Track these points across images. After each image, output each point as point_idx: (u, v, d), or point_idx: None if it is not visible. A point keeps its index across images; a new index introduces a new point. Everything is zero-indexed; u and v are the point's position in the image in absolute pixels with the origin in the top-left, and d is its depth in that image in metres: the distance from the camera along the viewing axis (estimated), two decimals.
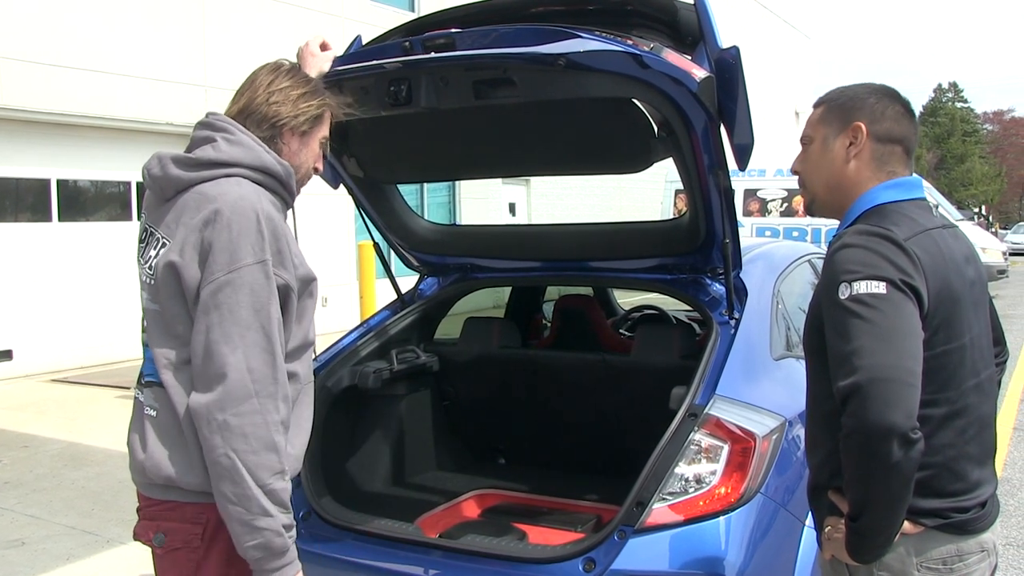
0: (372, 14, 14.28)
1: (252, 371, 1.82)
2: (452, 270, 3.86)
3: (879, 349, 1.63)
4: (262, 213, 1.89)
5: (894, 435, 1.58)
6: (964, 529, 1.81)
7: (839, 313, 1.72)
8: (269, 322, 1.85)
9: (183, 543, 1.92)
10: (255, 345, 1.83)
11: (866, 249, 1.75)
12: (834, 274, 1.76)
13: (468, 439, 4.16)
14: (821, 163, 1.98)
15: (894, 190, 1.91)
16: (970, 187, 59.63)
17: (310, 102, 2.08)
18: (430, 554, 2.77)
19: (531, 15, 2.78)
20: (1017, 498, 5.44)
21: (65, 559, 4.63)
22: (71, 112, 10.28)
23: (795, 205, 15.33)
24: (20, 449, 6.87)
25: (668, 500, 2.47)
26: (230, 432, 1.78)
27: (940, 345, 1.77)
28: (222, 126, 2.01)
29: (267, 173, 1.99)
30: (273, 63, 2.15)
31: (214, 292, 1.83)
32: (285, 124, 2.06)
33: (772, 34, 30.99)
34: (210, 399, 1.80)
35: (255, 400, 1.81)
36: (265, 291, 1.86)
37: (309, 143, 2.13)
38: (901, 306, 1.68)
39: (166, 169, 1.96)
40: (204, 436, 1.81)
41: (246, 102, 2.06)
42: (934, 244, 1.82)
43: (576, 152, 3.22)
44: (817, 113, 2.02)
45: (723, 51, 2.45)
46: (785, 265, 3.61)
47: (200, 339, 1.83)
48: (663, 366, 3.43)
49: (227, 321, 1.82)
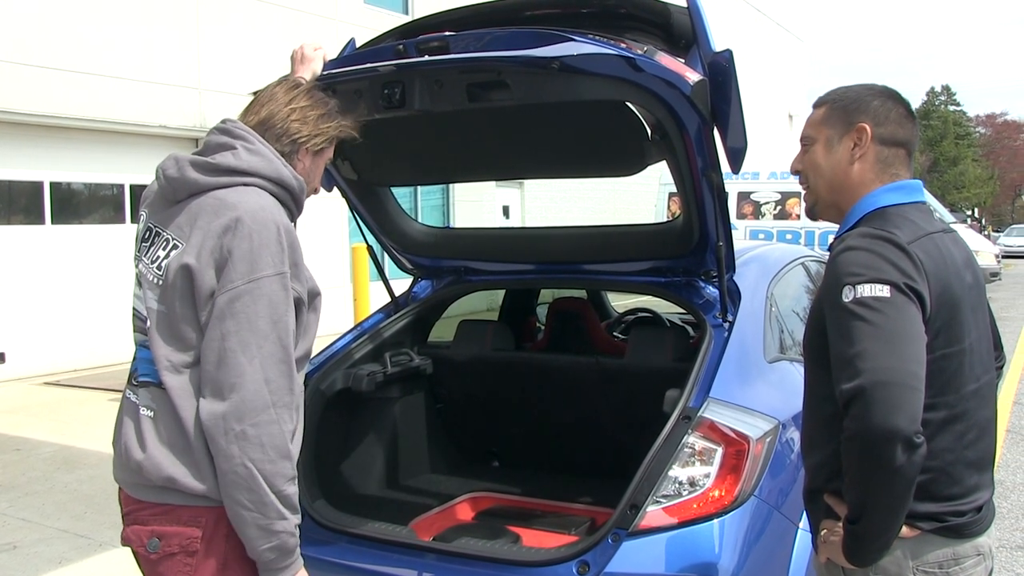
0: (366, 17, 14.29)
1: (269, 381, 1.83)
2: (446, 273, 3.85)
3: (883, 352, 1.63)
4: (282, 225, 1.90)
5: (898, 439, 1.58)
6: (960, 533, 1.81)
7: (842, 316, 1.71)
8: (287, 333, 1.87)
9: (180, 548, 1.89)
10: (272, 356, 1.84)
11: (869, 252, 1.75)
12: (837, 276, 1.76)
13: (462, 442, 4.16)
14: (824, 165, 1.97)
15: (895, 193, 1.90)
16: (963, 190, 59.83)
17: (328, 124, 2.12)
18: (424, 557, 2.77)
19: (525, 18, 2.78)
20: (1011, 500, 5.45)
21: (57, 563, 4.62)
22: (65, 115, 10.26)
23: (789, 208, 15.36)
24: (12, 452, 6.85)
25: (662, 503, 2.48)
26: (247, 442, 1.80)
27: (940, 349, 1.77)
28: (241, 134, 2.01)
29: (283, 186, 2.01)
30: (292, 81, 2.19)
31: (232, 300, 1.84)
32: (305, 142, 2.09)
33: (765, 37, 31.07)
34: (226, 409, 1.81)
35: (272, 411, 1.82)
36: (283, 303, 1.88)
37: (319, 163, 2.18)
38: (905, 309, 1.68)
39: (183, 171, 1.96)
40: (220, 446, 1.81)
41: (267, 115, 2.07)
42: (935, 248, 1.82)
43: (570, 155, 3.22)
44: (819, 113, 2.00)
45: (716, 54, 2.46)
46: (779, 268, 3.61)
47: (214, 346, 1.84)
48: (657, 369, 3.43)
49: (245, 330, 1.83)
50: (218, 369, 1.83)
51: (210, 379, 1.84)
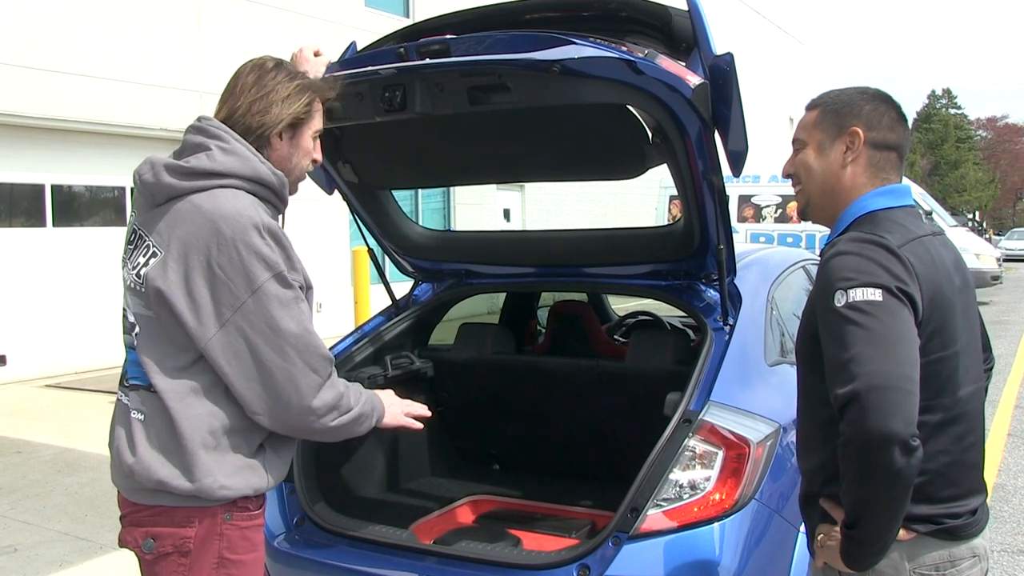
0: (367, 20, 14.30)
1: (316, 370, 1.93)
2: (447, 276, 3.85)
3: (877, 356, 1.63)
4: (262, 226, 1.90)
5: (895, 443, 1.58)
6: (956, 535, 1.82)
7: (835, 320, 1.71)
8: (306, 319, 1.95)
9: (174, 548, 1.92)
10: (306, 347, 1.92)
11: (861, 256, 1.75)
12: (829, 281, 1.76)
13: (462, 445, 4.16)
14: (816, 168, 1.97)
15: (884, 197, 1.91)
16: (964, 193, 59.82)
17: (294, 103, 2.05)
18: (424, 560, 2.76)
19: (526, 21, 2.78)
20: (1012, 504, 5.44)
21: (58, 565, 4.61)
22: (66, 117, 10.27)
23: (789, 211, 15.37)
24: (13, 455, 6.85)
25: (662, 506, 2.48)
26: (337, 428, 2.01)
27: (934, 352, 1.77)
28: (217, 133, 1.99)
29: (262, 183, 1.99)
30: (256, 61, 2.10)
31: (246, 315, 1.87)
32: (271, 131, 2.04)
33: (766, 40, 31.09)
34: (300, 420, 1.94)
35: (327, 387, 1.95)
36: (292, 297, 1.92)
37: (299, 142, 2.11)
38: (897, 313, 1.69)
39: (159, 176, 1.95)
40: (322, 437, 2.04)
41: (228, 112, 2.04)
42: (926, 251, 1.83)
43: (571, 158, 3.22)
44: (811, 116, 2.00)
45: (717, 57, 2.46)
46: (779, 271, 3.61)
47: (248, 362, 1.88)
48: (657, 372, 3.43)
49: (272, 337, 1.88)
50: (267, 381, 1.89)
51: (257, 394, 1.90)
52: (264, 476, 1.98)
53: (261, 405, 1.90)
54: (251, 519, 2.00)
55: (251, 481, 1.95)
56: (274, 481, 2.02)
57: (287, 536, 2.95)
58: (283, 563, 2.88)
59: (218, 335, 1.87)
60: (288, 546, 2.92)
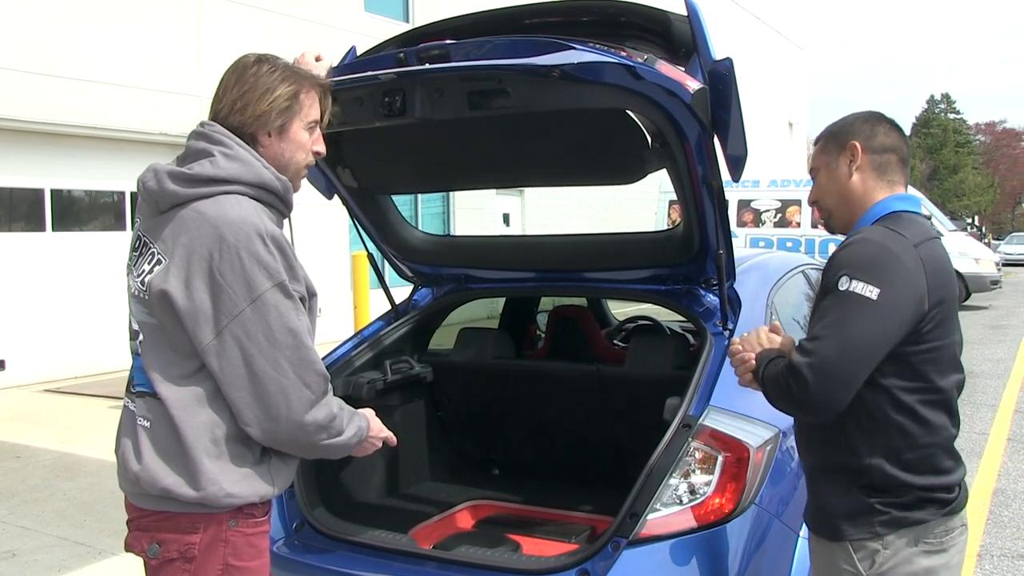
0: (367, 25, 14.31)
1: (309, 385, 1.91)
2: (446, 280, 3.85)
3: (838, 347, 1.87)
4: (266, 233, 1.89)
5: (810, 414, 1.94)
6: (952, 509, 2.03)
7: (830, 298, 1.93)
8: (305, 333, 1.93)
9: (178, 553, 1.91)
10: (300, 360, 1.90)
11: (880, 247, 1.93)
12: (841, 263, 1.95)
13: (462, 450, 4.15)
14: (830, 184, 2.19)
15: (903, 201, 2.11)
16: (963, 198, 59.89)
17: (274, 93, 2.00)
18: (424, 565, 2.76)
19: (525, 26, 2.79)
20: (1012, 509, 5.44)
21: (57, 570, 4.61)
22: (65, 122, 10.27)
23: (789, 216, 15.39)
24: (12, 460, 6.84)
25: (662, 511, 2.47)
26: (325, 448, 2.01)
27: (938, 340, 1.97)
28: (219, 139, 1.98)
29: (266, 189, 1.98)
30: (239, 59, 2.07)
31: (243, 324, 1.86)
32: (255, 130, 2.01)
33: (765, 45, 31.13)
34: (289, 433, 1.92)
35: (321, 406, 1.94)
36: (291, 308, 1.91)
37: (288, 136, 2.05)
38: (882, 315, 1.88)
39: (162, 184, 1.94)
40: (308, 454, 2.05)
41: (213, 115, 2.03)
42: (936, 250, 2.02)
43: (570, 163, 3.22)
44: (817, 147, 2.24)
45: (716, 62, 2.46)
46: (779, 276, 3.62)
47: (240, 371, 1.87)
48: (657, 377, 3.43)
49: (267, 348, 1.87)
50: (258, 392, 1.87)
51: (249, 403, 1.88)
52: (270, 483, 1.98)
53: (251, 415, 1.89)
54: (256, 526, 1.99)
55: (257, 488, 1.95)
56: (280, 488, 2.02)
57: (286, 541, 2.94)
58: (282, 568, 2.88)
59: (214, 342, 1.87)
60: (287, 551, 2.91)
